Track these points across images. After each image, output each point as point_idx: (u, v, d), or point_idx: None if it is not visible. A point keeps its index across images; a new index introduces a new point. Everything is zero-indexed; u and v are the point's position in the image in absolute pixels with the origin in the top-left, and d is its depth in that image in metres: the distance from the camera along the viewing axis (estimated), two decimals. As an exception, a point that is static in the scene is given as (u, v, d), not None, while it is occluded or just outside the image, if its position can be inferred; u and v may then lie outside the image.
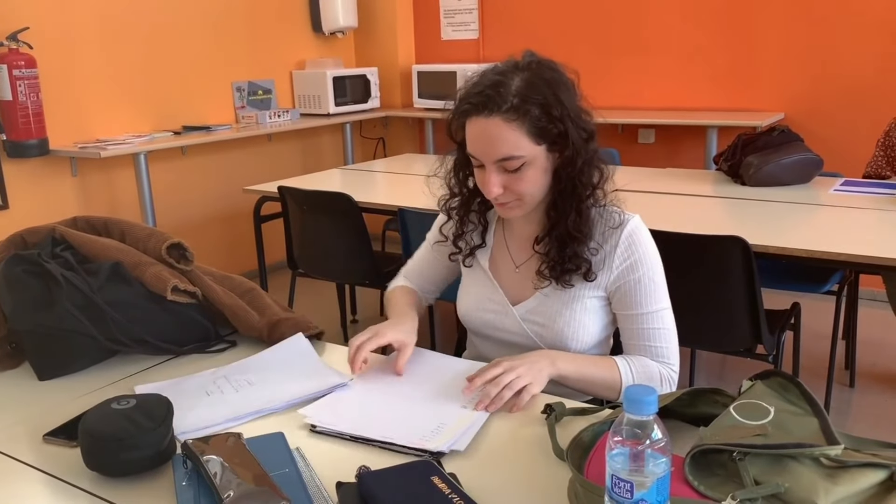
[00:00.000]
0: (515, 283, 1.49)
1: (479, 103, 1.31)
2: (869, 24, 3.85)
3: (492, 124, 1.30)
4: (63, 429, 1.20)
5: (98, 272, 1.45)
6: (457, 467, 1.06)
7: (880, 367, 3.29)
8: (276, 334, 1.51)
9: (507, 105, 1.29)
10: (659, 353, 1.41)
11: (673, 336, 1.42)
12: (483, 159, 1.34)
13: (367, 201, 3.04)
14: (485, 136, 1.31)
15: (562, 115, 1.30)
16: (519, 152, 1.31)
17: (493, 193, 1.35)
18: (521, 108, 1.29)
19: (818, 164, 3.03)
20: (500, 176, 1.34)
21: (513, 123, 1.29)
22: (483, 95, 1.31)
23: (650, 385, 1.36)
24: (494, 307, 1.49)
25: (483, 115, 1.31)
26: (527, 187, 1.35)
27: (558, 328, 1.43)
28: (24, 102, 3.44)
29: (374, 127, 5.44)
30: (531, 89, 1.30)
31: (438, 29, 5.26)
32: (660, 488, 0.80)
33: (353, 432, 1.16)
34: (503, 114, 1.29)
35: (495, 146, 1.31)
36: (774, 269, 2.76)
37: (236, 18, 4.56)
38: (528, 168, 1.33)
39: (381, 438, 1.14)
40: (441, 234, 1.58)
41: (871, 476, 0.87)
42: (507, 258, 1.51)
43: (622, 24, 4.50)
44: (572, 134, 1.32)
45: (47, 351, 1.42)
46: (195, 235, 4.31)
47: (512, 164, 1.32)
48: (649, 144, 4.54)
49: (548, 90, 1.30)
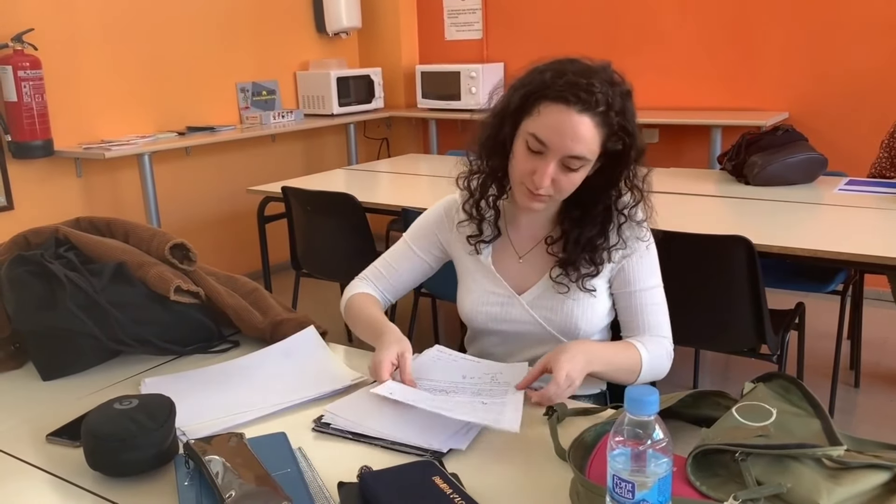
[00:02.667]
0: (519, 274, 1.48)
1: (576, 95, 1.28)
2: (874, 24, 3.84)
3: (582, 121, 1.28)
4: (66, 429, 1.20)
5: (101, 273, 1.45)
6: (458, 467, 1.05)
7: (885, 368, 3.28)
8: (279, 334, 1.51)
9: (601, 107, 1.28)
10: (658, 328, 1.44)
11: (666, 311, 1.47)
12: (553, 148, 1.30)
13: (371, 201, 3.04)
14: (568, 129, 1.29)
15: (632, 131, 1.33)
16: (590, 155, 1.32)
17: (543, 185, 1.32)
18: (607, 115, 1.29)
19: (822, 164, 3.02)
20: (556, 170, 1.33)
21: (597, 128, 1.30)
22: (581, 88, 1.28)
23: (661, 362, 1.41)
24: (499, 299, 1.49)
25: (575, 108, 1.28)
26: (569, 187, 1.35)
27: (568, 310, 1.44)
28: (29, 103, 3.45)
29: (378, 127, 5.45)
30: (616, 99, 1.30)
31: (442, 29, 5.26)
32: (661, 488, 0.80)
33: (360, 431, 1.16)
34: (594, 115, 1.29)
35: (575, 143, 1.29)
36: (778, 269, 2.76)
37: (240, 19, 4.57)
38: (582, 169, 1.34)
39: (388, 437, 1.13)
40: (463, 213, 1.50)
41: (873, 477, 0.87)
42: (510, 249, 1.50)
43: (626, 24, 4.50)
44: (632, 152, 1.35)
45: (51, 351, 1.42)
46: (199, 236, 4.32)
47: (576, 163, 1.32)
48: (653, 144, 4.53)
49: (626, 105, 1.32)
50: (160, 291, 1.47)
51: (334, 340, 1.55)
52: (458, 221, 1.53)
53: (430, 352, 1.44)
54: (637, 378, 1.40)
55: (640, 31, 4.47)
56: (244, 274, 1.69)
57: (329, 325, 1.57)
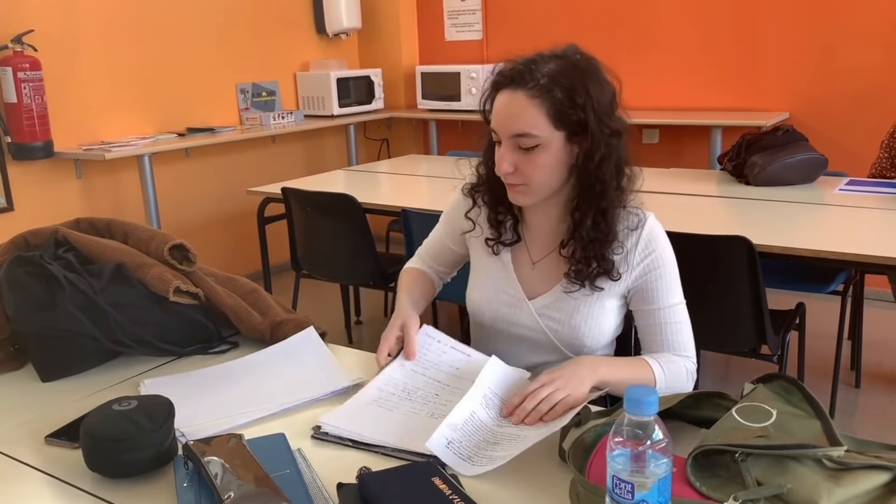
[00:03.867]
0: (532, 279, 1.48)
1: (508, 77, 1.33)
2: (874, 24, 3.83)
3: (515, 98, 1.31)
4: (65, 430, 1.20)
5: (100, 273, 1.45)
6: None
7: (886, 368, 3.27)
8: (278, 335, 1.51)
9: (533, 83, 1.30)
10: (679, 346, 1.41)
11: (689, 329, 1.44)
12: (500, 133, 1.34)
13: (371, 202, 3.04)
14: (506, 110, 1.33)
15: (585, 103, 1.30)
16: (535, 131, 1.30)
17: (503, 169, 1.34)
18: (547, 88, 1.29)
19: (823, 164, 3.02)
20: (513, 153, 1.33)
21: (535, 101, 1.30)
22: (514, 71, 1.33)
23: (679, 381, 1.37)
24: (509, 300, 1.48)
25: (509, 88, 1.32)
26: (537, 172, 1.33)
27: (575, 324, 1.42)
28: (29, 105, 3.45)
29: (378, 128, 5.45)
30: (561, 73, 1.30)
31: (442, 30, 5.26)
32: (661, 489, 0.80)
33: (359, 439, 1.15)
34: (528, 90, 1.30)
35: (513, 120, 1.31)
36: (779, 269, 2.75)
37: (240, 20, 4.57)
38: (542, 151, 1.32)
39: (389, 445, 1.13)
40: (467, 220, 1.53)
41: (874, 478, 0.86)
42: (525, 254, 1.49)
43: (626, 25, 4.50)
44: (592, 125, 1.30)
45: (50, 352, 1.42)
46: (199, 237, 4.32)
47: (526, 141, 1.31)
48: (653, 145, 4.53)
49: (577, 78, 1.30)
50: (159, 292, 1.47)
51: (334, 341, 1.54)
52: (485, 225, 1.52)
53: (420, 335, 1.42)
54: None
55: (640, 31, 4.46)
56: (244, 275, 1.69)
57: (329, 325, 1.57)
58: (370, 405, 1.25)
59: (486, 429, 1.18)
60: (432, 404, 1.25)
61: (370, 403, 1.25)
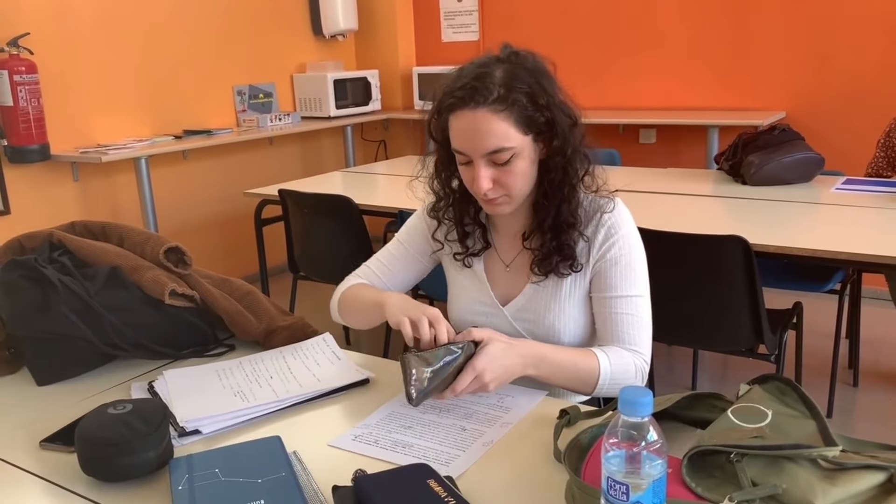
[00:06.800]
0: (506, 282, 1.47)
1: (465, 96, 1.27)
2: (870, 23, 3.84)
3: (479, 116, 1.26)
4: (60, 434, 1.20)
5: (95, 277, 1.45)
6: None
7: (883, 366, 3.28)
8: (272, 342, 1.51)
9: (493, 96, 1.26)
10: (630, 340, 1.37)
11: (646, 327, 1.39)
12: (471, 154, 1.30)
13: (368, 204, 3.04)
14: (472, 130, 1.28)
15: (548, 102, 1.29)
16: (508, 143, 1.28)
17: (482, 189, 1.31)
18: (508, 98, 1.26)
19: (819, 163, 3.02)
20: (489, 170, 1.30)
21: (500, 114, 1.26)
22: (467, 88, 1.27)
23: (626, 377, 1.33)
24: (485, 310, 1.48)
25: (469, 107, 1.27)
26: (516, 180, 1.32)
27: (548, 323, 1.42)
28: (25, 108, 3.45)
29: (375, 129, 5.45)
30: (515, 79, 1.27)
31: (439, 31, 5.26)
32: (656, 490, 0.79)
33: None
34: (490, 105, 1.26)
35: (484, 139, 1.27)
36: (776, 269, 2.76)
37: (236, 22, 4.57)
38: (517, 160, 1.30)
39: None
40: (435, 240, 1.52)
41: (869, 478, 0.86)
42: (496, 258, 1.49)
43: (622, 25, 4.50)
44: (560, 121, 1.30)
45: (45, 356, 1.42)
46: (196, 239, 4.32)
47: (501, 156, 1.29)
48: (650, 144, 4.54)
49: (531, 79, 1.28)
50: (155, 295, 1.47)
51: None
52: (453, 240, 1.51)
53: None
54: (594, 389, 1.33)
55: (636, 31, 4.46)
56: (242, 277, 1.69)
57: (327, 327, 1.57)
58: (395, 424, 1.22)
59: (405, 416, 1.23)
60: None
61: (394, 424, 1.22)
